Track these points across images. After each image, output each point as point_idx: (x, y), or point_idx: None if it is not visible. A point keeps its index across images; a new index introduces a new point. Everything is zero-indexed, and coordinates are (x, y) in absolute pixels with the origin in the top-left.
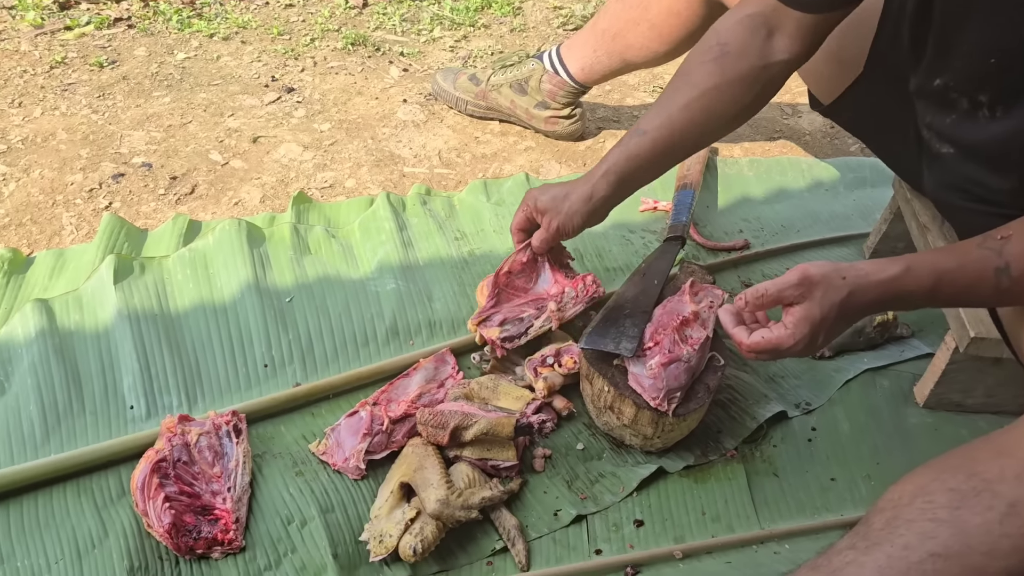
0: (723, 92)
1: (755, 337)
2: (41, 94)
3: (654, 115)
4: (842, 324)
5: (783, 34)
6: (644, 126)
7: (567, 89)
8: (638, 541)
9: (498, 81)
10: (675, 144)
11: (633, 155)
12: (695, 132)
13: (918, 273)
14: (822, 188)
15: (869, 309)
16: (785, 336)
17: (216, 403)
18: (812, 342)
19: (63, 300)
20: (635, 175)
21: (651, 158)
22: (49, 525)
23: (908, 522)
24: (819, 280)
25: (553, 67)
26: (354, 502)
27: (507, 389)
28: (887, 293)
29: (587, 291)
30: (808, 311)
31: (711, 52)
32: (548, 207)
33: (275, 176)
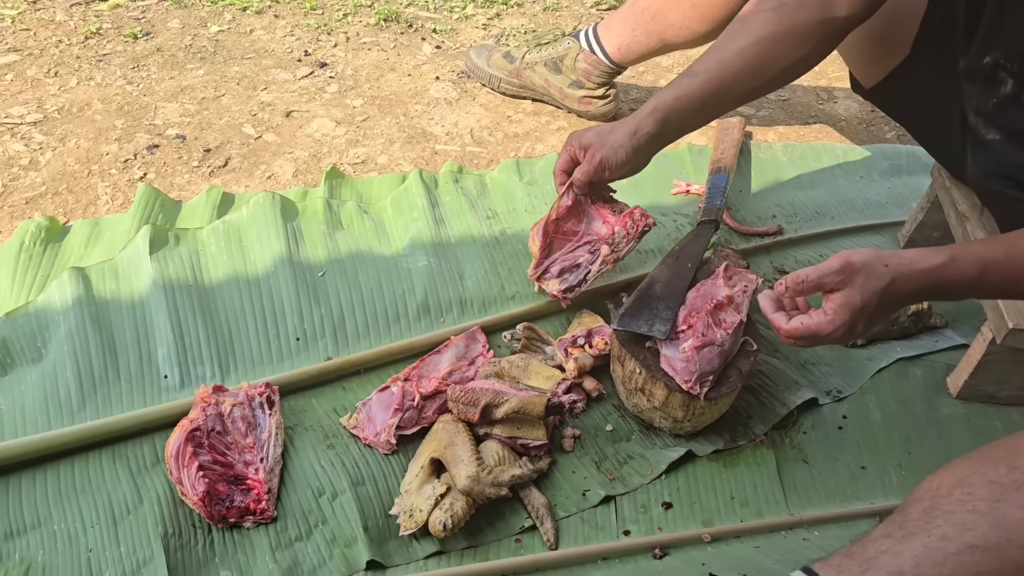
0: (779, 42)
1: (794, 323)
2: (76, 64)
3: (707, 58)
4: (883, 312)
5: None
6: (696, 68)
7: (602, 69)
8: (666, 523)
9: (533, 59)
10: (725, 89)
11: (682, 95)
12: (747, 79)
13: (963, 263)
14: (857, 175)
15: (911, 298)
16: (824, 323)
17: (248, 375)
18: (851, 329)
19: (99, 269)
20: (682, 116)
21: (700, 100)
22: (85, 490)
23: (947, 513)
24: (861, 267)
25: (589, 46)
26: (384, 476)
27: (538, 368)
28: (930, 282)
29: (637, 226)
30: (849, 298)
31: (771, 1)
32: (592, 141)
33: (308, 151)
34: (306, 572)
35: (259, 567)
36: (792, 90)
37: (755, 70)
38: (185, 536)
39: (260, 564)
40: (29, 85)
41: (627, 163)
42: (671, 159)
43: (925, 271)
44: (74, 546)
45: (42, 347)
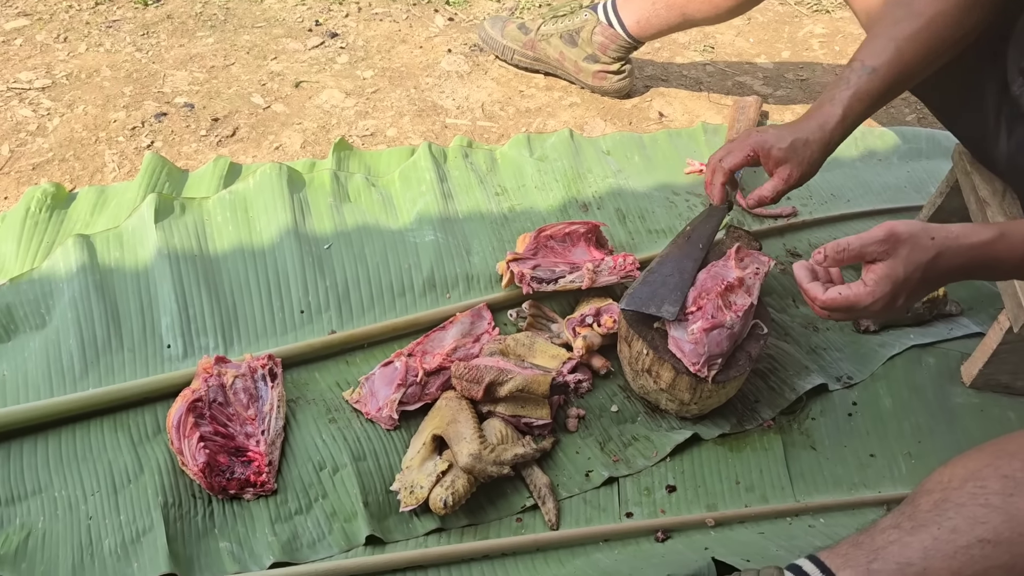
0: (948, 17)
1: (831, 293)
2: (86, 30)
3: (880, 49)
4: (925, 288)
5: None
6: (871, 62)
7: (619, 43)
8: (670, 507)
9: (548, 31)
10: (904, 78)
11: (864, 94)
12: (922, 63)
13: (1012, 240)
14: (875, 158)
15: (955, 274)
16: (864, 294)
17: (252, 346)
18: (891, 303)
19: (104, 236)
20: (862, 116)
21: (881, 96)
22: (87, 458)
23: (958, 506)
24: (906, 238)
25: (607, 19)
26: (386, 452)
27: (543, 347)
28: (976, 259)
29: (624, 268)
30: (892, 269)
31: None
32: (787, 156)
33: (316, 122)
34: (305, 546)
35: (258, 539)
36: (811, 69)
37: (929, 52)
38: (185, 506)
39: (259, 536)
40: (38, 50)
41: (821, 161)
42: (685, 138)
43: (973, 246)
44: (74, 513)
45: (46, 314)
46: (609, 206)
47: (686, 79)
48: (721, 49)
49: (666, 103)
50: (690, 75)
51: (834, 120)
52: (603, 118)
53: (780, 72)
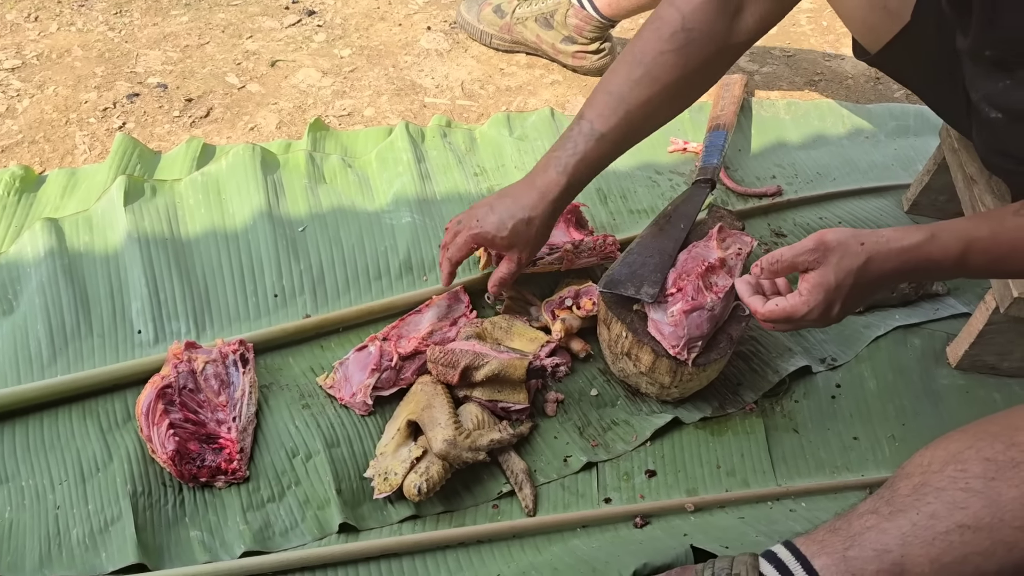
0: (686, 82)
1: (769, 305)
2: (58, 8)
3: (610, 112)
4: (860, 293)
5: (755, 5)
6: (600, 126)
7: (594, 24)
8: (649, 492)
9: (523, 14)
10: (632, 138)
11: (592, 161)
12: (654, 125)
13: (944, 241)
14: (862, 135)
15: (890, 278)
16: (799, 303)
17: (225, 331)
18: (827, 310)
19: (73, 220)
20: (588, 179)
21: (606, 159)
22: (54, 446)
23: (937, 490)
24: (835, 246)
25: (580, 1)
26: (360, 438)
27: (521, 330)
28: (909, 261)
29: (604, 249)
30: (823, 277)
31: (675, 40)
32: (512, 242)
33: (292, 102)
34: (278, 534)
35: (230, 528)
36: (798, 45)
37: (664, 116)
38: (155, 495)
39: (231, 525)
40: (8, 30)
41: (539, 244)
42: None
43: (904, 249)
44: (42, 503)
45: (13, 299)
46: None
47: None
48: None
49: None
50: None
51: (558, 190)
52: (584, 96)
53: (766, 48)
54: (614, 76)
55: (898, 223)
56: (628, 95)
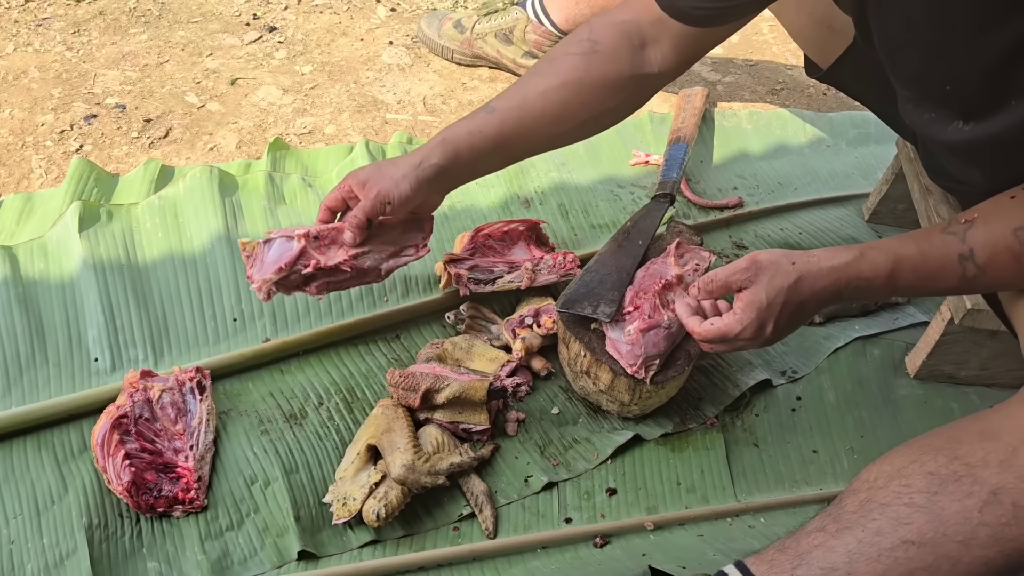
0: (584, 89)
1: (704, 324)
2: (15, 29)
3: (509, 95)
4: (793, 312)
5: (658, 47)
6: (495, 103)
7: (553, 39)
8: (609, 510)
9: (483, 30)
10: (525, 131)
11: (476, 130)
12: (548, 124)
13: (873, 259)
14: (823, 144)
15: (822, 296)
16: (732, 322)
17: (183, 357)
18: (760, 329)
19: (27, 247)
20: (475, 154)
21: (496, 139)
22: (8, 479)
23: (882, 506)
24: (767, 265)
25: (537, 17)
26: (319, 463)
27: (482, 350)
28: (840, 279)
29: (564, 266)
30: (755, 295)
31: (581, 45)
32: (369, 175)
33: (253, 120)
34: (236, 563)
35: (188, 558)
36: (760, 54)
37: (558, 115)
38: (111, 527)
39: (189, 555)
40: None
41: (412, 197)
42: (631, 127)
43: (834, 268)
44: None
45: None
46: (552, 201)
47: None
48: None
49: None
50: None
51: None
52: None
53: (728, 58)
54: (526, 73)
55: (858, 232)
56: (529, 82)
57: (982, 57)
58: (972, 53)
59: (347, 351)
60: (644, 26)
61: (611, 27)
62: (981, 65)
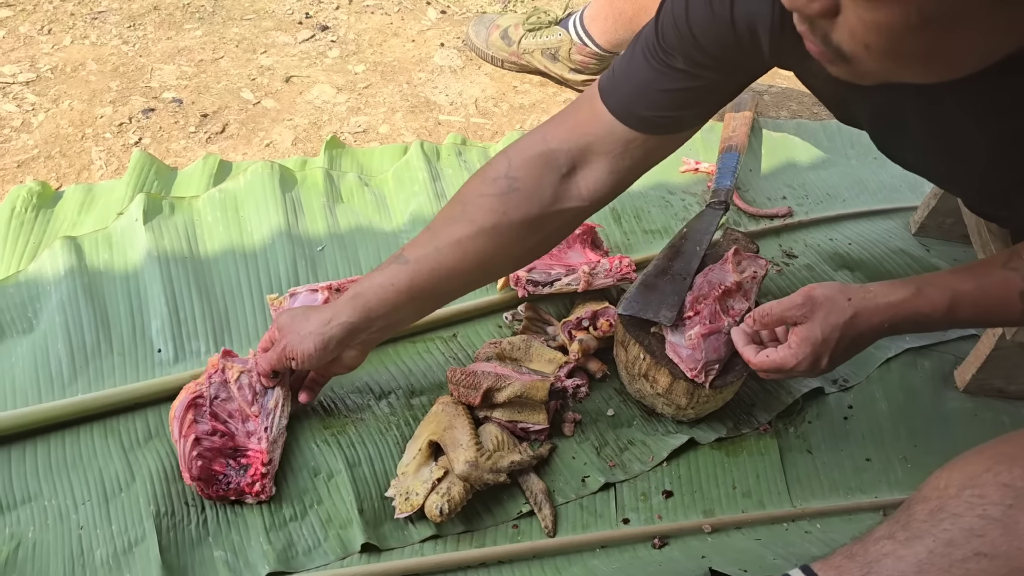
0: (503, 234)
1: (760, 356)
2: (71, 21)
3: (421, 243)
4: (848, 347)
5: (590, 171)
6: (408, 253)
7: (598, 58)
8: (666, 512)
9: (529, 46)
10: (439, 282)
11: (387, 283)
12: (466, 272)
13: (931, 295)
14: (871, 156)
15: (879, 332)
16: (788, 356)
17: (243, 350)
18: (815, 363)
19: (92, 238)
20: (386, 307)
21: (409, 292)
22: (76, 465)
23: (954, 516)
24: (823, 301)
25: (580, 38)
26: (381, 457)
27: (539, 351)
28: (897, 316)
29: (620, 270)
30: (810, 331)
31: (497, 185)
32: (285, 326)
33: (307, 118)
34: (300, 553)
35: (253, 548)
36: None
37: (475, 264)
38: (178, 515)
39: (254, 545)
40: (22, 43)
41: (316, 355)
42: None
43: (891, 305)
44: (65, 523)
45: (33, 318)
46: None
47: None
48: None
49: None
50: None
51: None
52: None
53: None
54: (440, 213)
55: (906, 245)
56: (442, 230)
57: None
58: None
59: (405, 348)
60: (575, 151)
61: (533, 160)
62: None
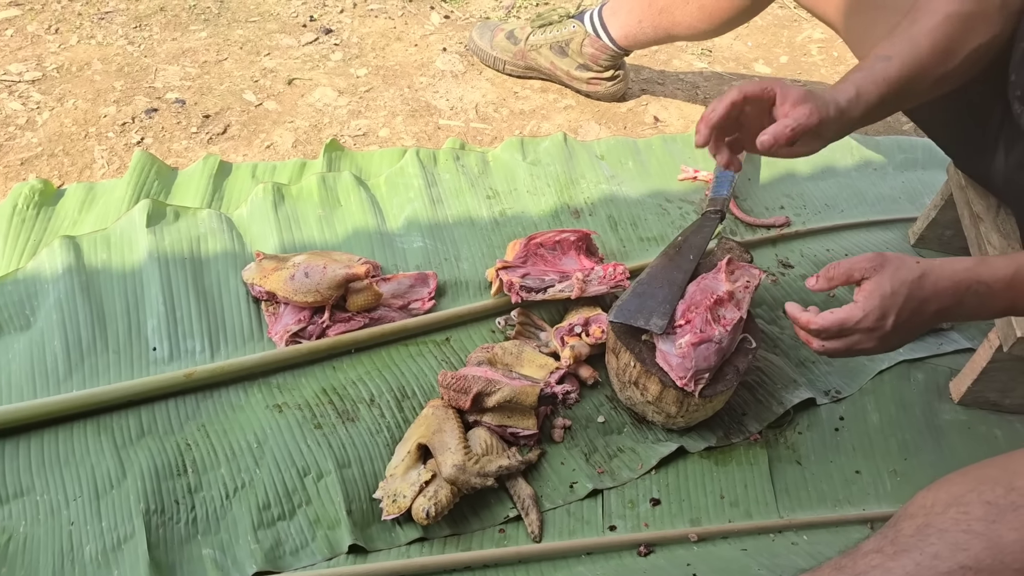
0: (966, 21)
1: (824, 314)
2: (78, 21)
3: (896, 41)
4: (915, 309)
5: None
6: (886, 51)
7: (609, 53)
8: (653, 520)
9: (537, 42)
10: (920, 71)
11: (880, 79)
12: (938, 61)
13: (994, 263)
14: (870, 167)
15: (943, 298)
16: (854, 310)
17: (239, 351)
18: (881, 320)
19: (92, 238)
20: (877, 103)
21: (898, 84)
22: (69, 461)
23: (940, 531)
24: (893, 258)
25: (595, 30)
26: (371, 459)
27: (531, 356)
28: (962, 283)
29: (614, 277)
30: (879, 284)
31: None
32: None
33: (308, 120)
34: (288, 553)
35: (241, 546)
36: (808, 75)
37: (946, 50)
38: (168, 512)
39: (243, 543)
40: (29, 42)
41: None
42: (680, 143)
43: (956, 271)
44: (56, 518)
45: (30, 315)
46: (601, 212)
47: (683, 83)
48: (719, 53)
49: (661, 108)
50: (687, 79)
51: (847, 96)
52: (598, 122)
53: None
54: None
55: None
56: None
57: None
58: None
59: (398, 351)
60: None
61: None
62: None
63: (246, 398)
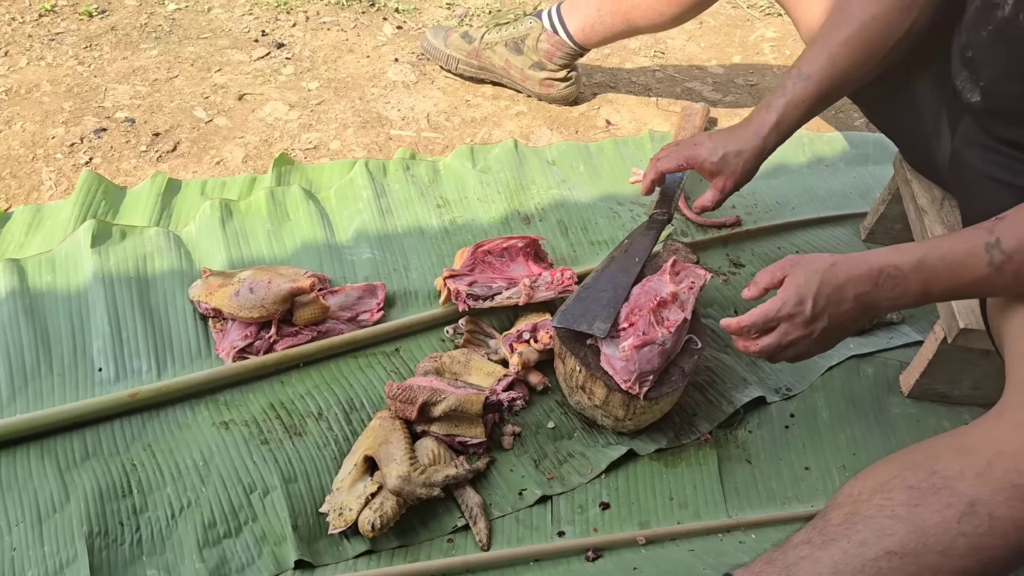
0: (881, 21)
1: (746, 313)
2: (28, 43)
3: (815, 56)
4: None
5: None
6: (806, 69)
7: (565, 50)
8: (602, 524)
9: (492, 39)
10: (838, 84)
11: (800, 101)
12: (857, 69)
13: (905, 248)
14: (822, 164)
15: (858, 282)
16: (774, 301)
17: (186, 368)
18: (800, 304)
19: (36, 260)
20: (798, 122)
21: (817, 101)
22: (11, 487)
23: (866, 518)
24: (808, 255)
25: (552, 26)
26: (318, 473)
27: (479, 364)
28: (874, 268)
29: (562, 282)
30: (794, 275)
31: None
32: (719, 168)
33: (259, 135)
34: (234, 571)
35: (186, 566)
36: (761, 74)
37: (864, 56)
38: (112, 534)
39: (187, 563)
40: None
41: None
42: (632, 146)
43: (870, 256)
44: None
45: None
46: (552, 218)
47: (635, 85)
48: (671, 54)
49: (614, 110)
50: (639, 81)
51: (768, 127)
52: (550, 127)
53: (730, 77)
54: (820, 29)
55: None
56: (829, 38)
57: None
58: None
59: (347, 363)
60: None
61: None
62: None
63: (193, 416)
